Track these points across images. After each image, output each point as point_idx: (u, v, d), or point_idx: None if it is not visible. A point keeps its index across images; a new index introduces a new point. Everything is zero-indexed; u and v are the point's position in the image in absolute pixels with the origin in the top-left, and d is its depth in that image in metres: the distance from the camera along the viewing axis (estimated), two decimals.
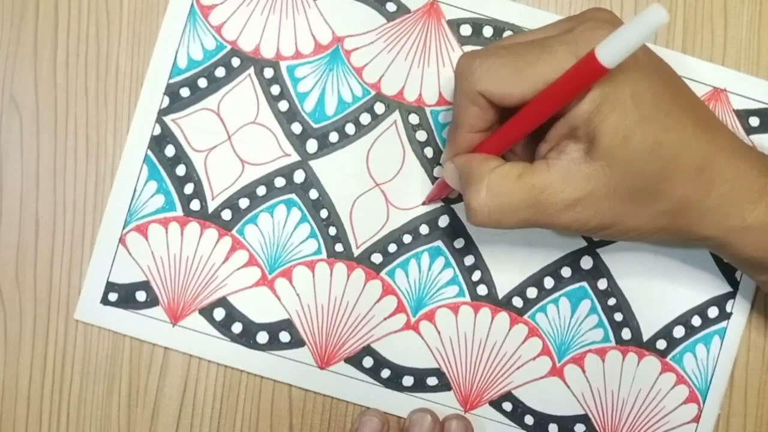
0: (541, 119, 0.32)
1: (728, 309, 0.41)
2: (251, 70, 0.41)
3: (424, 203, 0.41)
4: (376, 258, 0.41)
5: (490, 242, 0.41)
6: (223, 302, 0.41)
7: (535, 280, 0.41)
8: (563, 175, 0.32)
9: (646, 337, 0.41)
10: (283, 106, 0.41)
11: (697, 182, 0.33)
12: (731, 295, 0.41)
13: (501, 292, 0.41)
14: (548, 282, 0.41)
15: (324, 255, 0.41)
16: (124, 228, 0.41)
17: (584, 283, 0.41)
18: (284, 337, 0.41)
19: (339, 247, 0.41)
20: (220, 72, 0.41)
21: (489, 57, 0.33)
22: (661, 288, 0.41)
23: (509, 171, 0.33)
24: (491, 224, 0.33)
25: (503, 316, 0.41)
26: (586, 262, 0.41)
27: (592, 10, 0.34)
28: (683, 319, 0.41)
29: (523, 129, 0.33)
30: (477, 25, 0.41)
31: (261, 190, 0.41)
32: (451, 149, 0.36)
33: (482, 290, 0.41)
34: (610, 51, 0.28)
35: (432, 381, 0.41)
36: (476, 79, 0.32)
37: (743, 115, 0.41)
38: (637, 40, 0.27)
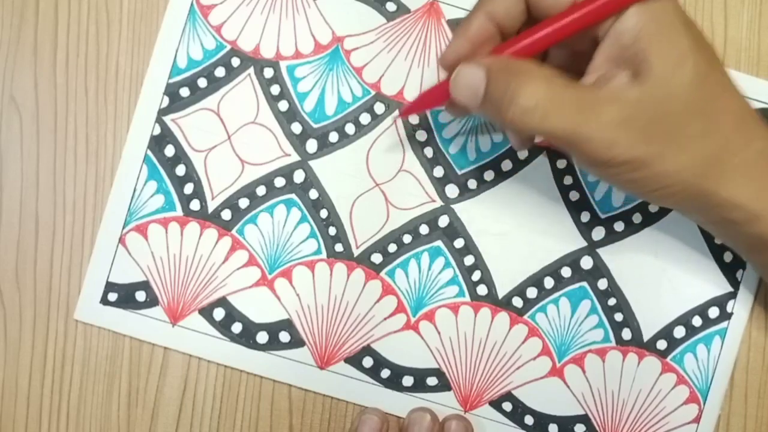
0: (582, 25, 0.30)
1: (729, 309, 0.41)
2: (251, 70, 0.41)
3: (401, 115, 0.40)
4: (376, 258, 0.41)
5: (490, 242, 0.41)
6: (222, 302, 0.41)
7: (535, 280, 0.41)
8: (610, 95, 0.30)
9: (646, 337, 0.41)
10: (283, 106, 0.41)
11: (737, 129, 0.31)
12: (732, 295, 0.41)
13: (501, 292, 0.41)
14: (548, 282, 0.41)
15: (324, 255, 0.41)
16: (123, 228, 0.41)
17: (584, 283, 0.41)
18: (284, 337, 0.41)
19: (339, 247, 0.41)
20: (219, 72, 0.41)
21: None
22: (662, 288, 0.41)
23: (558, 77, 0.31)
24: (532, 121, 0.30)
25: (503, 316, 0.41)
26: (586, 262, 0.41)
27: None
28: (684, 320, 0.41)
29: (558, 33, 0.31)
30: None
31: (261, 190, 0.41)
32: (458, 34, 0.33)
33: (482, 290, 0.41)
34: None
35: (432, 381, 0.41)
36: None
37: None
38: None
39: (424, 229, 0.41)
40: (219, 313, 0.41)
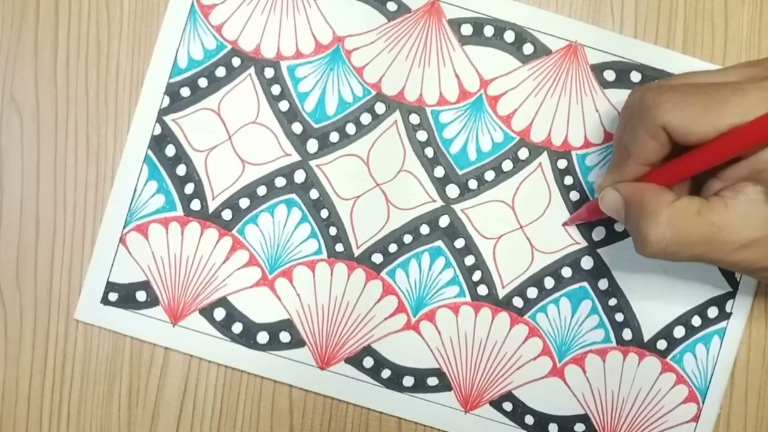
0: (723, 159, 0.32)
1: (728, 309, 0.41)
2: (252, 70, 0.41)
3: (565, 224, 0.41)
4: (377, 258, 0.41)
5: (491, 242, 0.41)
6: (223, 302, 0.41)
7: (536, 280, 0.41)
8: (741, 215, 0.32)
9: (647, 337, 0.41)
10: (284, 106, 0.41)
11: None
12: (731, 295, 0.41)
13: (501, 293, 0.41)
14: (549, 282, 0.41)
15: (324, 255, 0.41)
16: (124, 228, 0.41)
17: (585, 284, 0.41)
18: (284, 337, 0.41)
19: (339, 247, 0.41)
20: (220, 72, 0.41)
21: (677, 93, 0.33)
22: (662, 288, 0.41)
23: (687, 206, 0.33)
24: (664, 257, 0.33)
25: (503, 316, 0.41)
26: (587, 263, 0.41)
27: None
28: (683, 319, 0.41)
29: (700, 166, 0.33)
30: (478, 24, 0.41)
31: (261, 190, 0.41)
32: (615, 177, 0.36)
33: (482, 290, 0.41)
34: None
35: (432, 381, 0.41)
36: (662, 113, 0.32)
37: None
38: None
39: (424, 229, 0.41)
40: (219, 313, 0.41)
